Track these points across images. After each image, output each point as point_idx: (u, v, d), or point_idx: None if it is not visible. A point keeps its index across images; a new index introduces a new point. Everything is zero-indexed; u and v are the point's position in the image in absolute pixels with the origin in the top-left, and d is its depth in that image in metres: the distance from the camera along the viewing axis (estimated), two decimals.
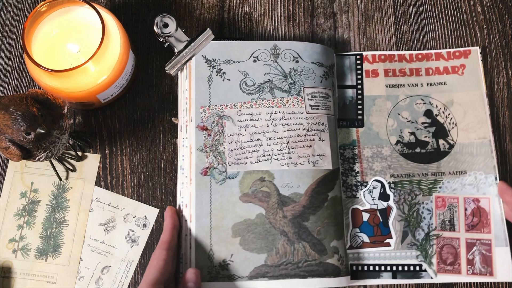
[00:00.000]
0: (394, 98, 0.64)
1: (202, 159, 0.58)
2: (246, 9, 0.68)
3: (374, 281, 0.59)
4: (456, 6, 0.67)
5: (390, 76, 0.65)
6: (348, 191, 0.62)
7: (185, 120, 0.60)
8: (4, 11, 0.67)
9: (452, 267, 0.60)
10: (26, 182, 0.62)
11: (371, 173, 0.62)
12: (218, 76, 0.60)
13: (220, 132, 0.59)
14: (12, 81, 0.65)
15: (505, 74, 0.65)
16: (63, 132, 0.53)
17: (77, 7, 0.58)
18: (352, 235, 0.60)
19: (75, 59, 0.58)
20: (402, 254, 0.60)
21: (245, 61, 0.61)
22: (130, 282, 0.60)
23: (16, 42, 0.66)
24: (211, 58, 0.61)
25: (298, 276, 0.56)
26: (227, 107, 0.60)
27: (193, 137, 0.59)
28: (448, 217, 0.61)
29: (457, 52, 0.65)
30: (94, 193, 0.62)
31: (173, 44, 0.60)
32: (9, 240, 0.60)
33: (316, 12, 0.68)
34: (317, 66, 0.62)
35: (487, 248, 0.60)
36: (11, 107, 0.49)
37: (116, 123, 0.64)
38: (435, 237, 0.60)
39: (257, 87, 0.60)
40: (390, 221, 0.61)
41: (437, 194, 0.61)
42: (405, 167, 0.62)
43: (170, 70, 0.60)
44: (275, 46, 0.62)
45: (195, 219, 0.57)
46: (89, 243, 0.60)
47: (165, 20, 0.60)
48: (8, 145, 0.51)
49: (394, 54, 0.66)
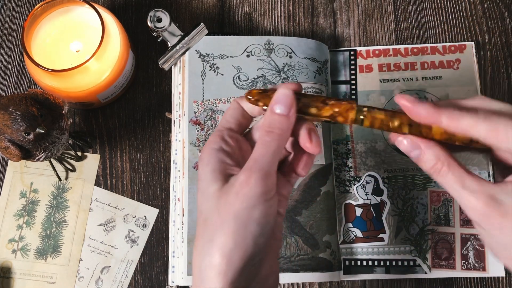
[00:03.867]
0: (388, 93, 0.64)
1: (195, 153, 0.59)
2: (246, 9, 0.67)
3: (367, 276, 0.59)
4: (456, 6, 0.67)
5: (385, 71, 0.65)
6: (341, 186, 0.62)
7: (178, 115, 0.60)
8: (4, 10, 0.67)
9: (447, 262, 0.60)
10: (25, 182, 0.62)
11: (364, 168, 0.62)
12: (212, 71, 0.61)
13: (213, 126, 0.59)
14: (12, 81, 0.65)
15: (505, 74, 0.65)
16: (63, 132, 0.53)
17: (77, 7, 0.58)
18: (345, 230, 0.60)
19: (75, 58, 0.58)
20: (396, 249, 0.60)
21: (238, 56, 0.61)
22: (130, 283, 0.60)
23: (16, 42, 0.66)
24: (204, 52, 0.61)
25: (290, 270, 0.56)
26: (220, 102, 0.60)
27: (186, 132, 0.59)
28: (443, 212, 0.61)
29: (453, 47, 0.65)
30: (94, 193, 0.62)
31: (167, 38, 0.60)
32: (9, 240, 0.60)
33: (316, 12, 0.68)
34: (311, 61, 0.62)
35: (480, 243, 0.60)
36: (10, 107, 0.49)
37: (116, 123, 0.64)
38: (430, 232, 0.60)
39: (251, 82, 0.61)
40: (384, 216, 0.61)
41: (431, 189, 0.61)
42: (399, 162, 0.62)
43: (164, 65, 0.60)
44: (269, 41, 0.62)
45: (188, 213, 0.57)
46: (89, 243, 0.60)
47: (159, 14, 0.60)
48: (8, 145, 0.51)
49: (389, 48, 0.65)
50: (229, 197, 0.37)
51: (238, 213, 0.37)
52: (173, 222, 0.59)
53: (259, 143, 0.39)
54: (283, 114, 0.39)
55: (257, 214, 0.37)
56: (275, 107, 0.39)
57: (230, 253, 0.37)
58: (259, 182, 0.37)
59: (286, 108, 0.39)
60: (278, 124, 0.39)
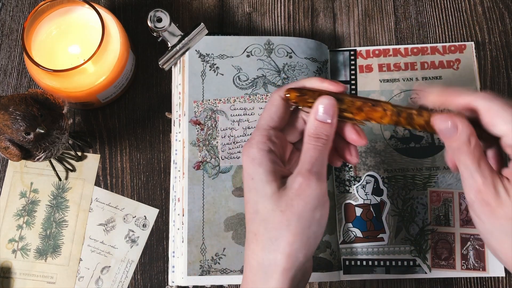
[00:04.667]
0: (388, 93, 0.64)
1: (195, 153, 0.59)
2: (246, 9, 0.67)
3: (367, 276, 0.59)
4: (456, 6, 0.67)
5: (385, 71, 0.65)
6: (341, 186, 0.62)
7: (178, 115, 0.60)
8: (4, 11, 0.67)
9: (446, 262, 0.60)
10: (25, 182, 0.62)
11: (364, 168, 0.62)
12: (212, 71, 0.61)
13: (213, 126, 0.59)
14: (12, 81, 0.65)
15: (505, 74, 0.65)
16: (63, 132, 0.53)
17: (77, 7, 0.58)
18: (345, 230, 0.60)
19: (75, 59, 0.58)
20: (396, 249, 0.60)
21: (238, 56, 0.61)
22: (130, 283, 0.60)
23: (16, 42, 0.66)
24: (204, 52, 0.61)
25: None
26: (220, 102, 0.60)
27: (186, 132, 0.59)
28: (443, 212, 0.61)
29: (453, 47, 0.65)
30: (94, 193, 0.62)
31: (167, 38, 0.60)
32: (9, 240, 0.60)
33: (316, 12, 0.68)
34: (311, 61, 0.62)
35: (480, 243, 0.60)
36: (10, 107, 0.49)
37: (116, 123, 0.64)
38: (429, 232, 0.60)
39: (251, 82, 0.61)
40: (384, 216, 0.61)
41: (431, 189, 0.61)
42: (399, 162, 0.62)
43: (164, 65, 0.60)
44: (269, 42, 0.62)
45: (188, 213, 0.57)
46: (89, 243, 0.60)
47: (159, 14, 0.60)
48: (8, 145, 0.51)
49: (389, 48, 0.65)
50: (291, 199, 0.40)
51: (302, 214, 0.39)
52: (173, 222, 0.59)
53: (310, 147, 0.41)
54: (327, 122, 0.41)
55: (318, 215, 0.40)
56: (319, 116, 0.41)
57: (296, 252, 0.40)
58: (318, 184, 0.40)
59: (329, 117, 0.41)
60: (324, 131, 0.41)
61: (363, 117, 0.42)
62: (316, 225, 0.40)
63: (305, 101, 0.42)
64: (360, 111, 0.42)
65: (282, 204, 0.40)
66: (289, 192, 0.40)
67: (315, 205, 0.40)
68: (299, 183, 0.40)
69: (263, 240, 0.40)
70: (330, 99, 0.41)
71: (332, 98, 0.42)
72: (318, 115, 0.41)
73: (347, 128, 0.44)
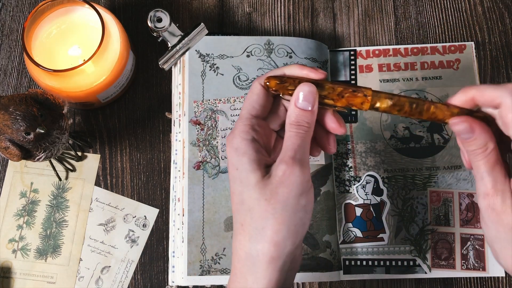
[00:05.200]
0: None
1: (195, 153, 0.59)
2: (246, 9, 0.67)
3: (367, 276, 0.59)
4: (456, 6, 0.67)
5: (385, 71, 0.65)
6: (341, 186, 0.62)
7: (178, 115, 0.60)
8: (4, 11, 0.67)
9: (446, 262, 0.60)
10: (25, 182, 0.62)
11: (364, 168, 0.62)
12: (212, 71, 0.61)
13: (213, 126, 0.59)
14: (12, 81, 0.65)
15: (505, 74, 0.65)
16: (63, 132, 0.53)
17: (77, 7, 0.58)
18: (345, 230, 0.60)
19: (75, 59, 0.58)
20: (396, 249, 0.60)
21: (238, 56, 0.61)
22: (130, 283, 0.60)
23: (16, 42, 0.66)
24: (204, 52, 0.61)
25: None
26: (220, 102, 0.60)
27: (186, 132, 0.59)
28: (443, 212, 0.61)
29: (453, 47, 0.65)
30: (94, 193, 0.62)
31: (167, 38, 0.60)
32: (9, 240, 0.60)
33: (316, 12, 0.68)
34: (311, 61, 0.62)
35: (480, 243, 0.60)
36: (10, 107, 0.49)
37: (116, 123, 0.64)
38: (429, 232, 0.60)
39: (251, 82, 0.61)
40: (384, 216, 0.61)
41: (431, 189, 0.61)
42: (399, 162, 0.62)
43: (164, 65, 0.61)
44: (269, 42, 0.62)
45: (188, 213, 0.57)
46: (89, 243, 0.60)
47: (159, 14, 0.60)
48: (8, 145, 0.51)
49: (389, 48, 0.65)
50: (276, 187, 0.39)
51: (287, 201, 0.39)
52: (173, 222, 0.59)
53: (292, 135, 0.41)
54: (307, 110, 0.41)
55: (304, 201, 0.40)
56: (300, 103, 0.41)
57: (283, 240, 0.39)
58: (302, 171, 0.39)
59: (310, 104, 0.41)
60: (305, 118, 0.41)
61: (344, 104, 0.42)
62: (302, 211, 0.40)
63: (286, 89, 0.42)
64: (341, 98, 0.42)
65: (267, 192, 0.39)
66: (273, 180, 0.39)
67: (299, 192, 0.39)
68: (283, 170, 0.39)
69: (249, 230, 0.40)
70: (310, 86, 0.41)
71: (312, 85, 0.41)
72: (299, 103, 0.41)
73: (327, 116, 0.43)
